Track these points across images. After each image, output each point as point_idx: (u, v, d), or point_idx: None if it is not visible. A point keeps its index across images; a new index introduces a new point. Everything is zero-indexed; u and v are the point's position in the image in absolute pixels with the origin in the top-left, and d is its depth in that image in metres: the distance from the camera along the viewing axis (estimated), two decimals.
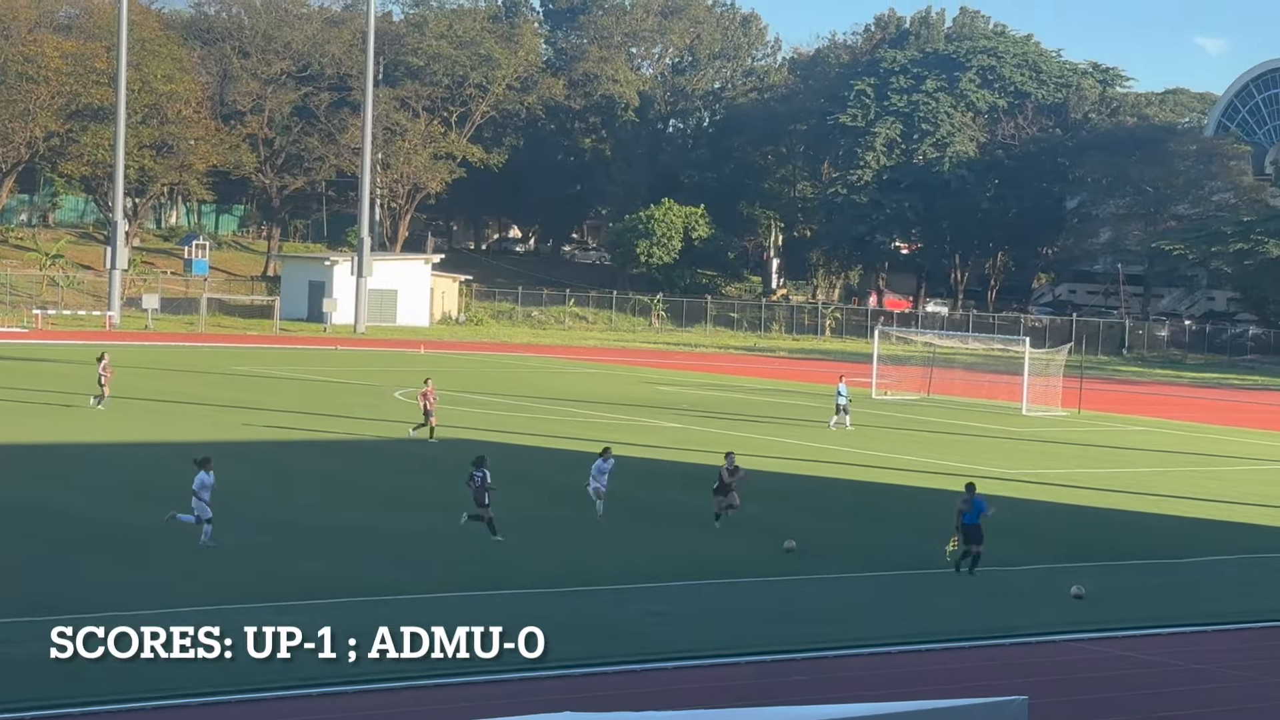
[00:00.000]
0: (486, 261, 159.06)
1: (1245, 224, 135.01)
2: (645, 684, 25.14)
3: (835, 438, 60.64)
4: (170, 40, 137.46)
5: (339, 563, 32.99)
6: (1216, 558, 38.32)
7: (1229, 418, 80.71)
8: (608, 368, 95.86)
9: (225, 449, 48.04)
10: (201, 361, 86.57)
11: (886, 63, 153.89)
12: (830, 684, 25.47)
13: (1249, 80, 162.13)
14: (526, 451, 53.08)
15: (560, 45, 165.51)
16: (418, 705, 23.40)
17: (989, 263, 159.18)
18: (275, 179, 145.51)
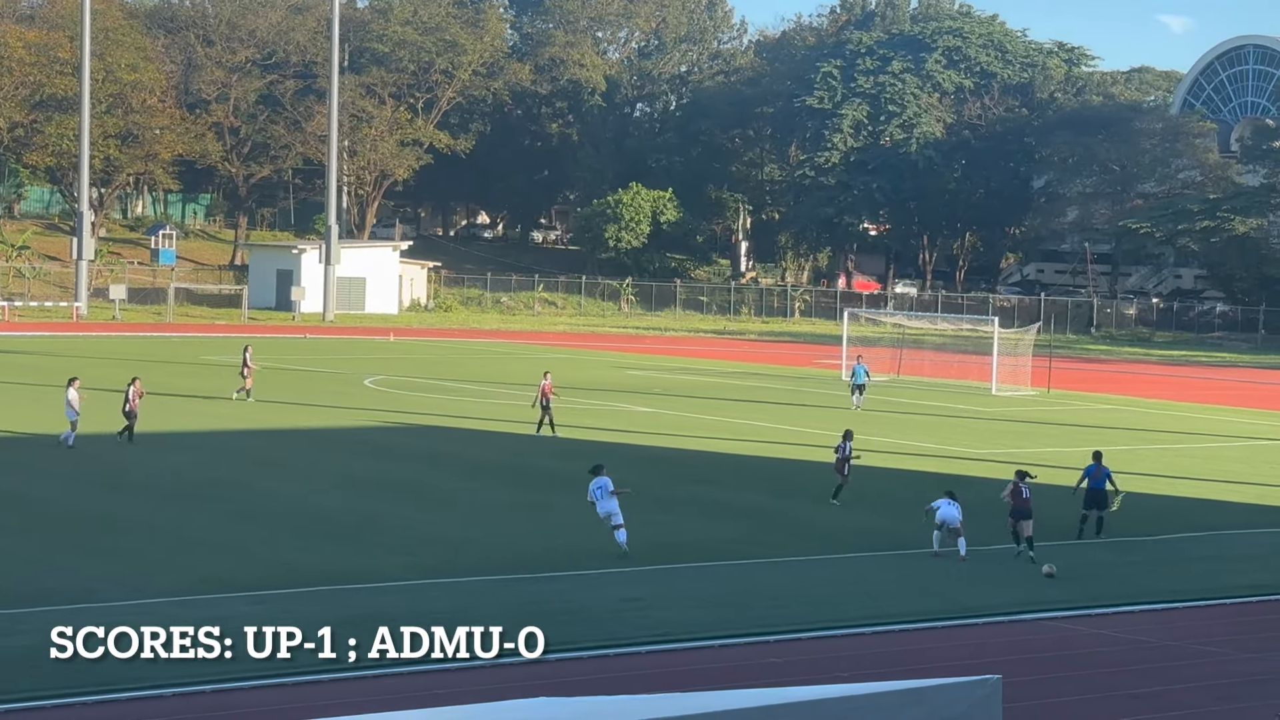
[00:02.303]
0: (455, 248, 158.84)
1: (1211, 202, 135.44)
2: (620, 669, 25.18)
3: (804, 420, 60.69)
4: (134, 29, 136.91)
5: (314, 551, 32.96)
6: (1187, 535, 38.49)
7: (1197, 395, 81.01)
8: (577, 353, 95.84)
9: (194, 439, 47.99)
10: (170, 351, 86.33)
11: (852, 44, 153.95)
12: (804, 666, 25.53)
13: (1214, 58, 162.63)
14: (496, 438, 53.05)
15: (526, 30, 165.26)
16: (388, 692, 23.40)
17: (957, 243, 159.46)
18: (241, 168, 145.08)
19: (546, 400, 52.82)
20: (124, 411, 47.22)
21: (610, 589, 30.44)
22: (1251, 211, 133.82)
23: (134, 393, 47.42)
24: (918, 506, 38.55)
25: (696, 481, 44.42)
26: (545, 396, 52.84)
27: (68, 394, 46.42)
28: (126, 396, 47.39)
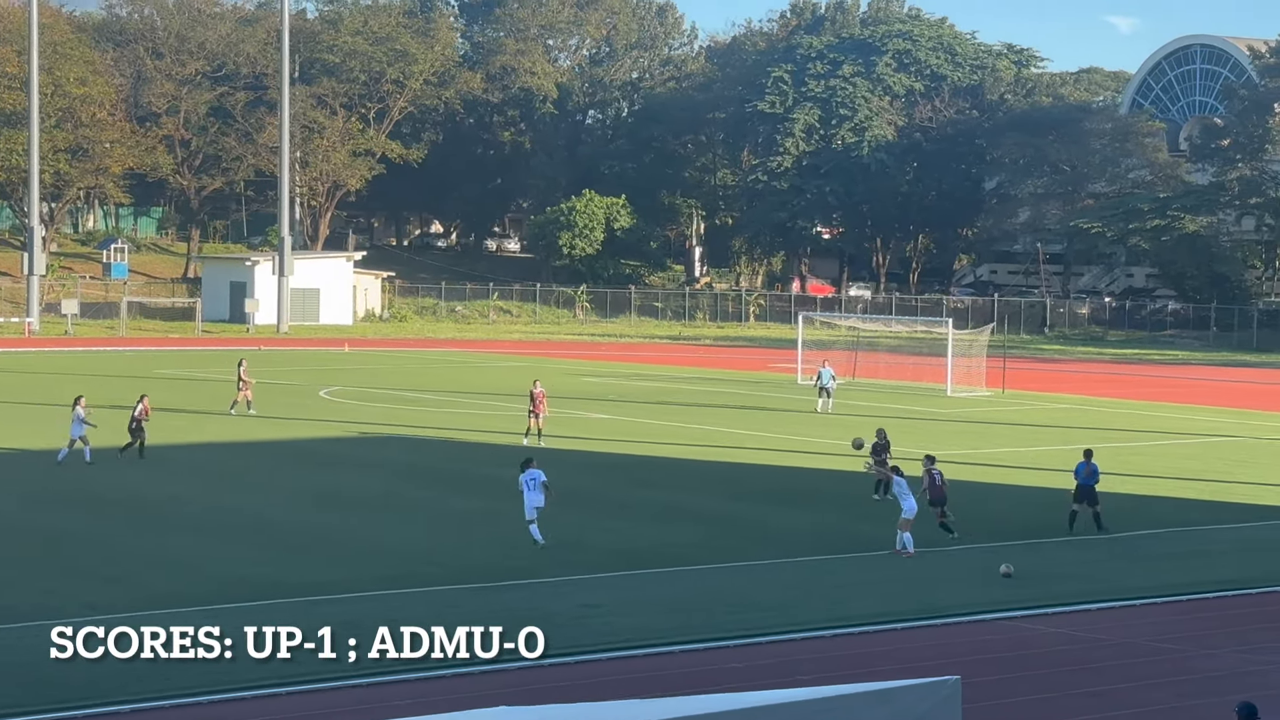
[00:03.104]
0: (409, 258, 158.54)
1: (1162, 200, 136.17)
2: (581, 675, 25.17)
3: (760, 424, 60.77)
4: (82, 43, 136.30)
5: (269, 564, 32.86)
6: (1145, 532, 38.66)
7: (1151, 393, 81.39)
8: (533, 360, 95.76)
9: (149, 453, 47.75)
10: (123, 366, 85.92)
11: (803, 49, 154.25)
12: (764, 669, 25.57)
13: (1161, 58, 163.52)
14: (453, 447, 52.99)
15: (476, 39, 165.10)
16: (351, 705, 23.36)
17: (910, 245, 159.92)
18: (193, 180, 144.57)
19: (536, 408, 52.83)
20: (130, 428, 47.22)
21: (570, 596, 30.43)
22: (1201, 210, 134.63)
23: (141, 410, 47.35)
24: (872, 509, 38.67)
25: (654, 487, 44.45)
26: (536, 404, 52.79)
27: (74, 411, 46.28)
28: (134, 413, 47.31)
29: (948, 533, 36.31)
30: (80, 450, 45.75)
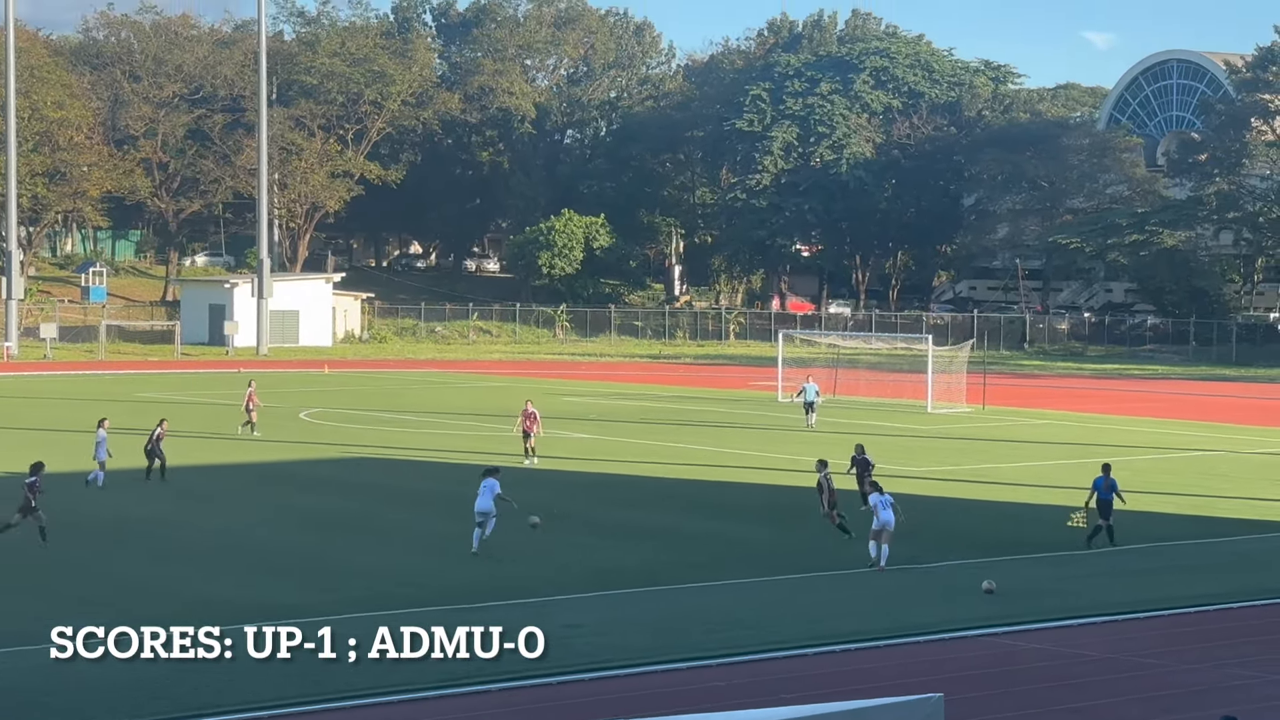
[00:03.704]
0: (388, 279, 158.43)
1: (1140, 215, 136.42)
2: (561, 696, 25.09)
3: (741, 442, 60.75)
4: (59, 66, 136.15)
5: (246, 586, 32.72)
6: (1126, 547, 38.64)
7: (1131, 408, 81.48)
8: (513, 380, 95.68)
9: (130, 475, 47.59)
10: (103, 389, 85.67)
11: (780, 67, 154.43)
12: (746, 688, 25.50)
13: (1138, 73, 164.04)
14: (433, 468, 52.90)
15: (454, 59, 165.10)
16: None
17: (889, 262, 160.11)
18: (171, 203, 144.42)
19: (528, 428, 52.95)
20: (145, 450, 47.36)
21: (552, 616, 30.30)
22: (1179, 225, 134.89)
23: (159, 434, 47.40)
24: (853, 527, 38.62)
25: (634, 506, 44.39)
26: (528, 424, 52.87)
27: (98, 434, 46.53)
28: (151, 436, 47.37)
29: (844, 534, 37.66)
30: (97, 474, 45.90)
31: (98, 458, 46.38)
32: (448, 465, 53.28)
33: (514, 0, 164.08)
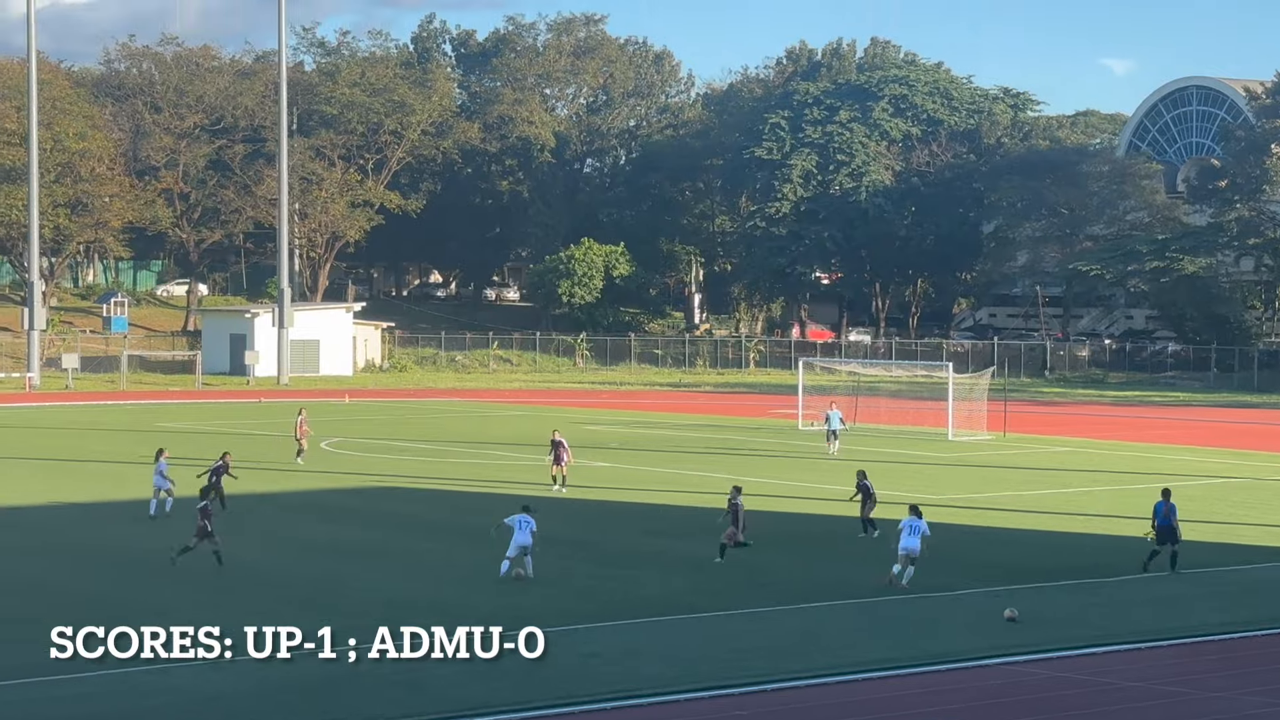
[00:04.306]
0: (408, 308, 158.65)
1: (1160, 242, 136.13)
2: None
3: (762, 470, 60.69)
4: (81, 98, 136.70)
5: (268, 616, 32.64)
6: (1148, 575, 38.49)
7: (1152, 435, 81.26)
8: (534, 409, 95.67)
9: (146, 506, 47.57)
10: (124, 419, 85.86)
11: (800, 95, 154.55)
12: (771, 717, 25.42)
13: (1158, 100, 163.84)
14: (453, 497, 52.87)
15: (474, 89, 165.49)
16: None
17: (909, 290, 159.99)
18: (192, 233, 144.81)
19: (559, 456, 53.38)
20: (208, 482, 47.35)
21: (570, 645, 30.22)
22: (1200, 251, 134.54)
23: (221, 465, 47.71)
24: (872, 554, 38.55)
25: (654, 535, 44.32)
26: (558, 452, 53.30)
27: (158, 464, 46.66)
28: (212, 468, 47.54)
29: (744, 545, 38.73)
30: (163, 501, 46.13)
31: (159, 486, 46.49)
32: (469, 495, 53.26)
33: (533, 30, 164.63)
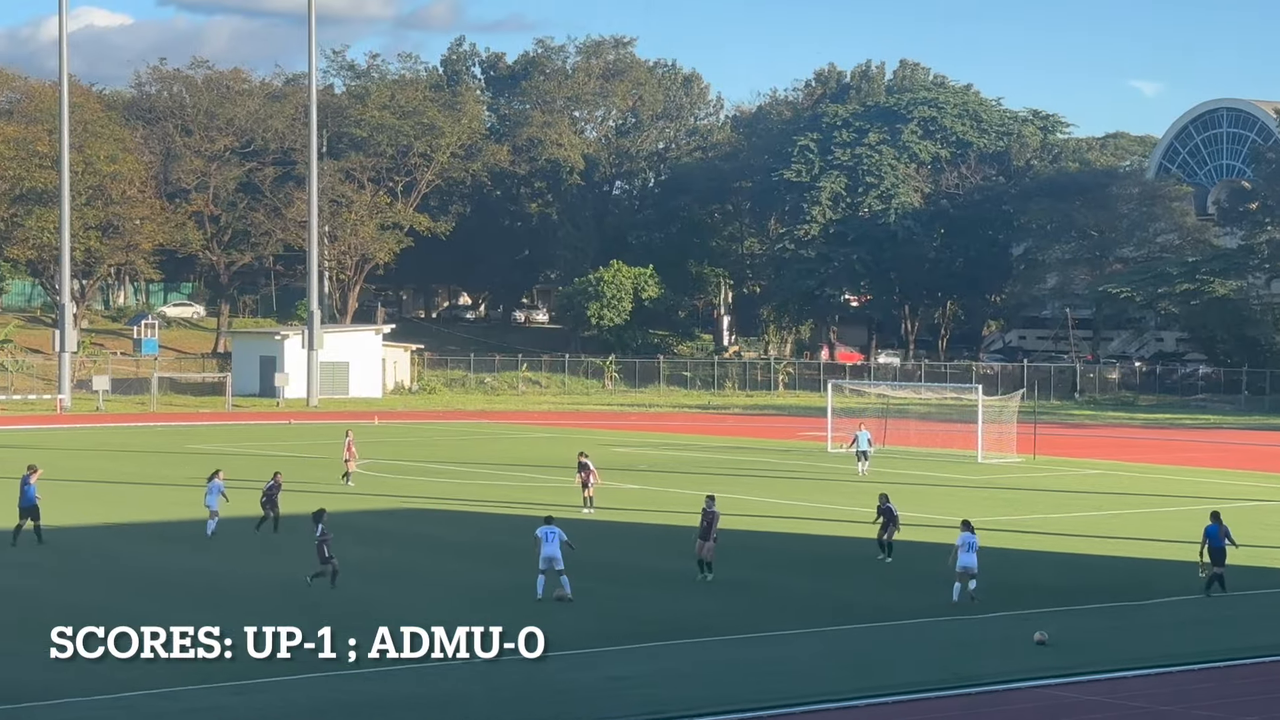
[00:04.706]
0: (437, 330, 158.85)
1: (1190, 264, 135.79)
2: None
3: (790, 492, 60.63)
4: (112, 121, 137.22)
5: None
6: (1178, 598, 38.37)
7: (1183, 458, 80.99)
8: (562, 431, 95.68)
9: (178, 528, 47.75)
10: (154, 441, 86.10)
11: (828, 117, 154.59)
12: None
13: (1188, 122, 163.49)
14: (481, 519, 52.90)
15: (503, 111, 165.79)
16: None
17: (938, 312, 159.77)
18: (222, 255, 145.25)
19: (586, 479, 53.77)
20: (261, 503, 47.92)
21: (598, 668, 30.24)
22: (1230, 273, 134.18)
23: (273, 485, 48.07)
24: (904, 577, 38.46)
25: (684, 557, 44.16)
26: (585, 475, 53.66)
27: (211, 484, 47.28)
28: (265, 488, 47.99)
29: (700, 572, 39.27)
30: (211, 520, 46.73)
31: (211, 506, 47.09)
32: (498, 516, 53.28)
33: (563, 52, 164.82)
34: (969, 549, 36.17)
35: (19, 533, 44.57)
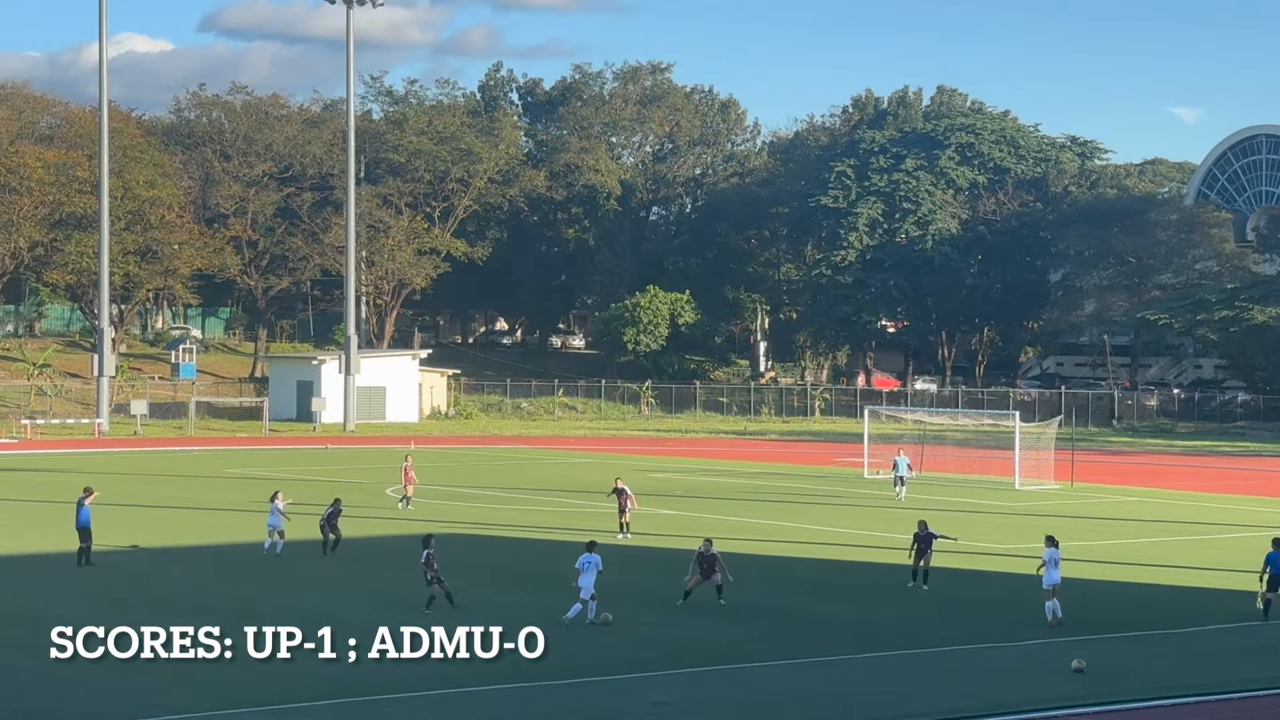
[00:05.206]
0: (474, 355, 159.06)
1: (1229, 291, 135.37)
2: None
3: (827, 518, 60.53)
4: (151, 146, 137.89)
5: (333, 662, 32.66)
6: (1216, 626, 38.17)
7: (1222, 485, 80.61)
8: (599, 456, 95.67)
9: (212, 552, 47.84)
10: (192, 465, 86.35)
11: (866, 143, 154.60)
12: None
13: (1226, 148, 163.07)
14: (517, 544, 52.89)
15: (540, 137, 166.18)
16: None
17: (976, 338, 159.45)
18: (260, 280, 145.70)
19: (623, 504, 54.11)
20: (320, 526, 48.46)
21: (638, 694, 30.20)
22: (1270, 300, 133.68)
23: (333, 511, 48.62)
24: (942, 603, 38.33)
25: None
26: (622, 500, 53.98)
27: (274, 505, 48.19)
28: (325, 513, 48.54)
29: None
30: (275, 543, 47.78)
31: (273, 526, 48.06)
32: (533, 541, 53.27)
33: (600, 78, 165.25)
34: (1055, 565, 36.60)
35: (82, 554, 45.09)
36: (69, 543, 46.72)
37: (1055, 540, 37.82)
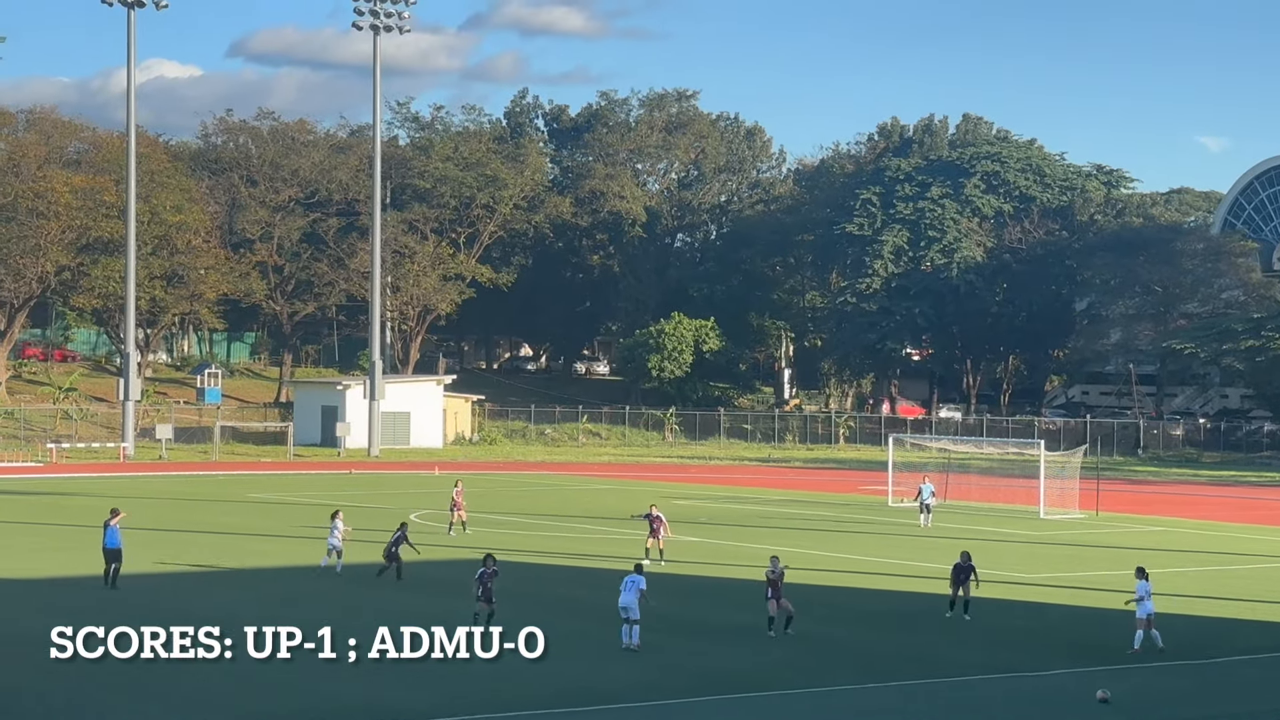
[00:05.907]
0: (499, 381, 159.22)
1: (1256, 321, 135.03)
2: None
3: (851, 546, 60.44)
4: (178, 171, 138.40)
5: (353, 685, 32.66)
6: (1241, 657, 38.02)
7: (1248, 515, 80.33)
8: (623, 483, 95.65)
9: (241, 576, 47.85)
10: (216, 490, 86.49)
11: (891, 171, 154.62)
12: None
13: (1253, 178, 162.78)
14: (539, 570, 52.86)
15: (566, 164, 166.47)
16: None
17: (1001, 367, 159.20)
18: (286, 305, 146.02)
19: (655, 529, 54.27)
20: (385, 554, 48.79)
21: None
22: None
23: (400, 537, 49.01)
24: (968, 631, 38.23)
25: (746, 609, 44.05)
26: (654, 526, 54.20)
27: (334, 524, 49.33)
28: (391, 540, 48.97)
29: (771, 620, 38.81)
30: (334, 564, 48.92)
31: (332, 546, 49.14)
32: (557, 568, 53.25)
33: (626, 105, 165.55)
34: (1147, 597, 36.83)
35: (109, 576, 45.23)
36: (95, 566, 46.80)
37: (1145, 572, 37.90)
